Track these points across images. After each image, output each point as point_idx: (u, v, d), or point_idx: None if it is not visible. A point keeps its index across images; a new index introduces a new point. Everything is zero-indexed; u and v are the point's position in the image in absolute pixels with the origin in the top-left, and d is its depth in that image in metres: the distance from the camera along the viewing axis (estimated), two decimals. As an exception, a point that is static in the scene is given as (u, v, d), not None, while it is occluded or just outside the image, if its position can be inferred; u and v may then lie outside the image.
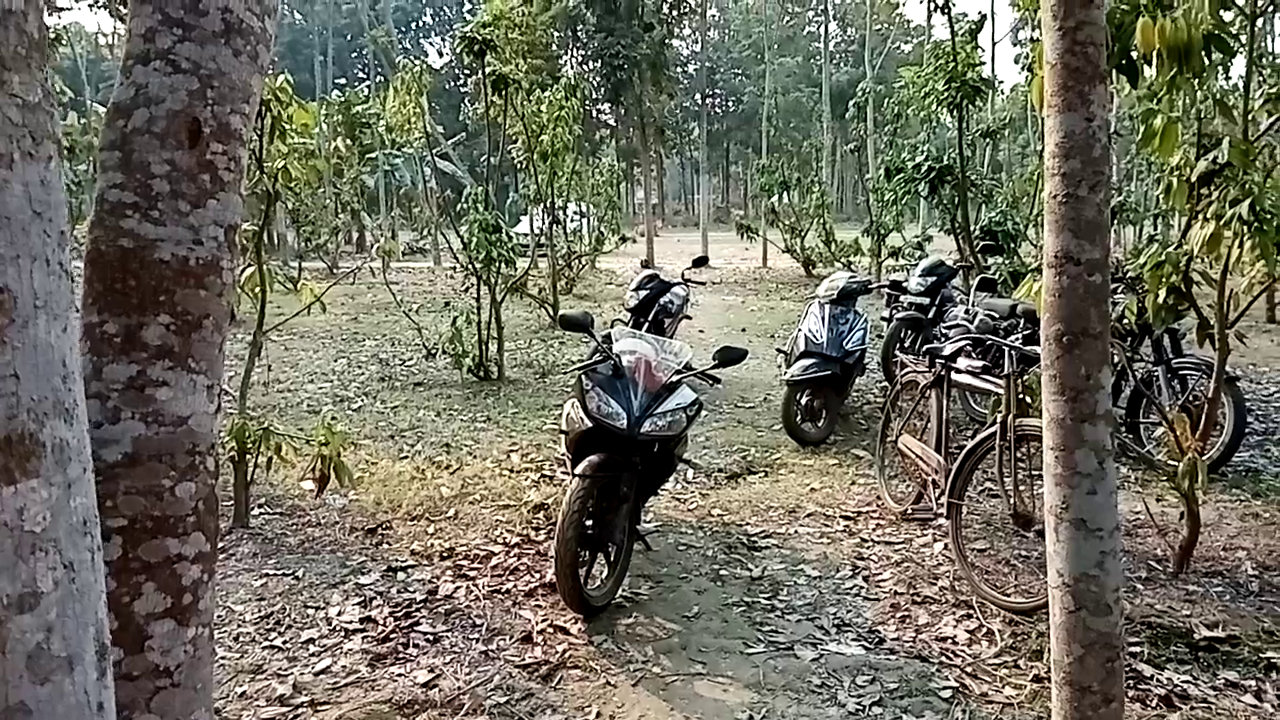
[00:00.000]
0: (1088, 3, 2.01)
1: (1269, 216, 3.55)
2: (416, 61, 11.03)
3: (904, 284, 8.73)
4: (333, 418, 7.45)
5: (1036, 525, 4.15)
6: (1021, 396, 4.28)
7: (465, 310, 8.62)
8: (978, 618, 3.91)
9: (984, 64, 8.17)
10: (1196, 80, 3.66)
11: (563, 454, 4.78)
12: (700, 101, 32.61)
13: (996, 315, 6.98)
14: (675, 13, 25.75)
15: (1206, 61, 3.63)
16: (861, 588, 4.28)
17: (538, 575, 4.34)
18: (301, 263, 19.04)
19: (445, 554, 4.69)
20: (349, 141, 24.96)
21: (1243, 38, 4.01)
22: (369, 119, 20.12)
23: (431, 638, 3.78)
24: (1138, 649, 3.56)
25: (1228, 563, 4.40)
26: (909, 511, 4.98)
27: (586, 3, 22.91)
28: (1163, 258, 4.16)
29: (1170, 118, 3.99)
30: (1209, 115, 4.19)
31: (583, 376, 4.06)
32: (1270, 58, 12.45)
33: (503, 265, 8.64)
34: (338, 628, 3.90)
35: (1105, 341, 2.06)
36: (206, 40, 1.73)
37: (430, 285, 18.70)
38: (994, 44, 25.03)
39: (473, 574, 4.43)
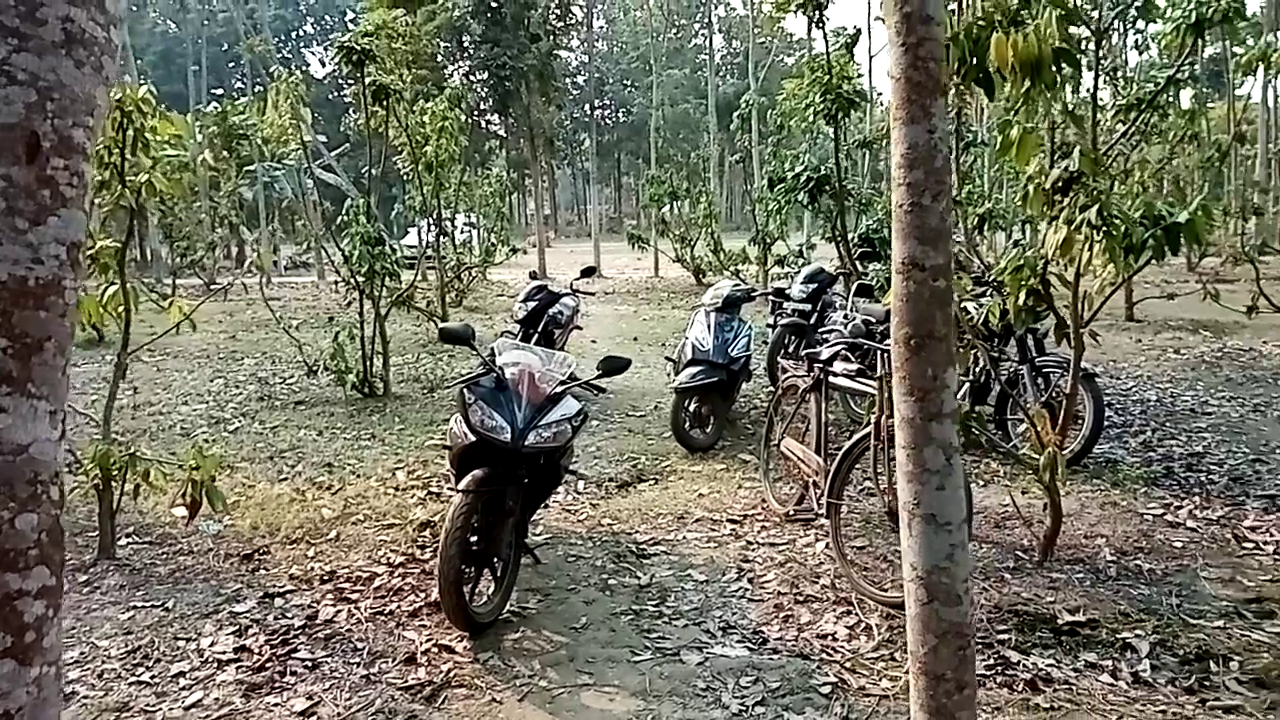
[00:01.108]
0: (927, 20, 2.11)
1: (1116, 221, 3.76)
2: (295, 71, 10.75)
3: (787, 291, 8.93)
4: (207, 440, 7.23)
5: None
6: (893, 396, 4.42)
7: (348, 325, 8.43)
8: (857, 613, 4.02)
9: (861, 77, 8.45)
10: (1049, 92, 3.87)
11: (449, 470, 4.72)
12: (590, 112, 32.70)
13: (874, 319, 7.21)
14: (562, 24, 25.81)
15: (1057, 75, 3.84)
16: (747, 590, 4.35)
17: (423, 594, 4.27)
18: (175, 279, 18.32)
19: (326, 577, 4.57)
20: (225, 153, 24.18)
21: (1092, 52, 4.26)
22: (246, 130, 19.48)
23: (310, 664, 3.67)
24: (1005, 636, 3.73)
25: (1088, 550, 4.64)
26: (792, 513, 5.09)
27: (472, 13, 22.73)
28: (1021, 262, 4.37)
29: (1025, 128, 4.20)
30: (1063, 126, 4.43)
31: (464, 390, 4.02)
32: (1124, 70, 13.23)
33: (386, 278, 8.48)
34: (210, 659, 3.75)
35: (950, 344, 2.15)
36: (45, 51, 1.65)
37: (314, 300, 18.20)
38: (870, 58, 25.95)
39: (355, 597, 4.33)
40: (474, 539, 3.91)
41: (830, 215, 10.40)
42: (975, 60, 3.90)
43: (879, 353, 4.52)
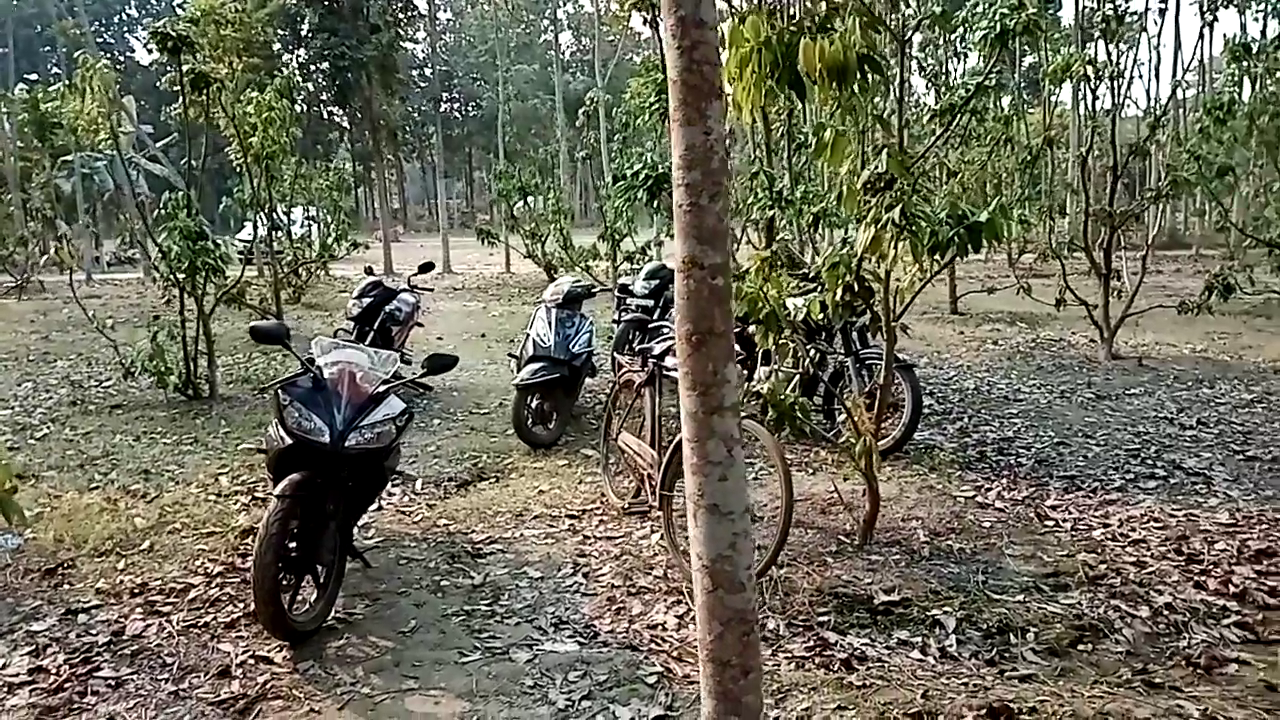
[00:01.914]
0: (701, 24, 2.14)
1: (919, 221, 3.96)
2: (109, 57, 10.06)
3: (630, 287, 9.01)
4: (11, 448, 6.69)
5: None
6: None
7: (168, 325, 7.96)
8: (687, 602, 4.08)
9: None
10: (858, 97, 4.03)
11: (269, 475, 4.52)
12: (437, 106, 32.10)
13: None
14: (403, 15, 25.18)
15: (863, 80, 4.00)
16: (581, 584, 4.36)
17: (241, 604, 4.07)
18: (-19, 277, 16.89)
19: (136, 590, 4.30)
20: (38, 143, 22.44)
21: (895, 59, 4.46)
22: (60, 118, 18.13)
23: (113, 683, 3.45)
24: (825, 618, 3.87)
25: (905, 532, 4.88)
26: (628, 506, 5.14)
27: (306, 1, 21.88)
28: (837, 259, 4.54)
29: (838, 131, 4.37)
30: (872, 128, 4.63)
31: (279, 391, 3.86)
32: (945, 78, 13.94)
33: (210, 275, 8.05)
34: (1, 683, 3.47)
35: (729, 340, 2.21)
36: None
37: (139, 298, 17.11)
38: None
39: (167, 609, 4.10)
40: (294, 545, 3.76)
41: (669, 214, 10.55)
42: (787, 64, 4.03)
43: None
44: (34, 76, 49.22)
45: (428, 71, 52.61)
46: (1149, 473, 5.83)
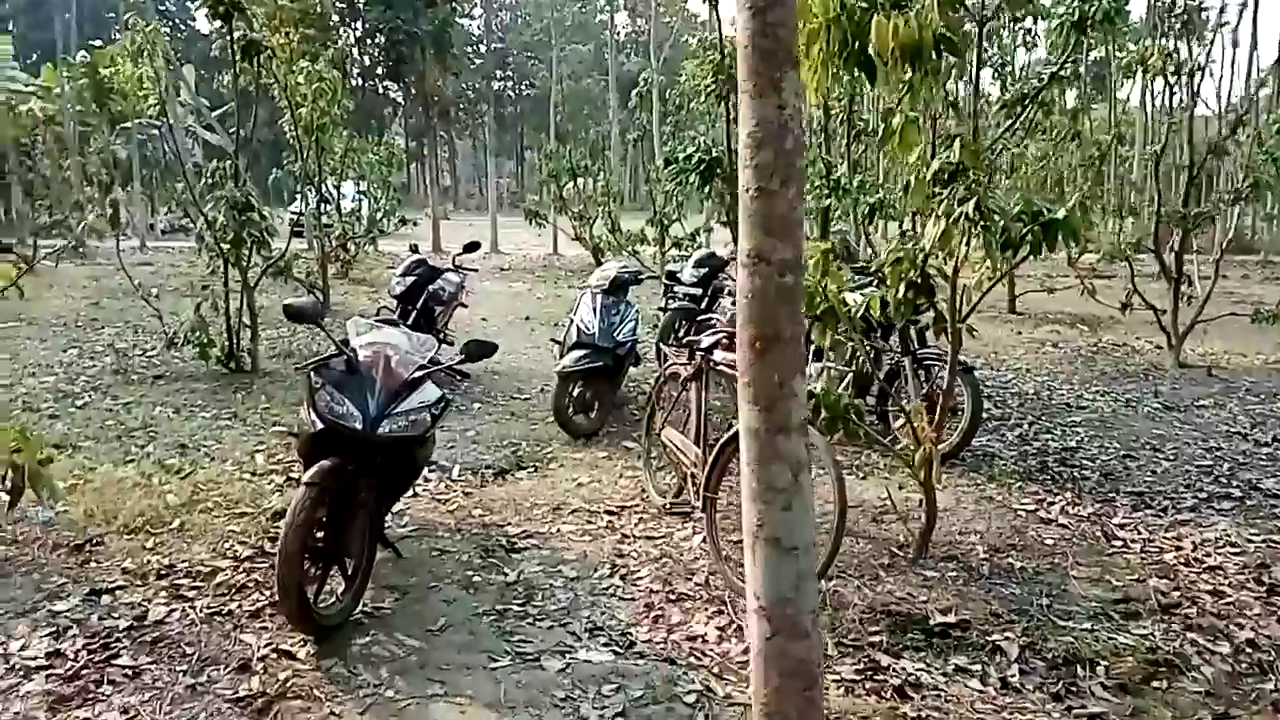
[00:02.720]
0: (776, -19, 1.91)
1: (994, 216, 3.68)
2: (168, 23, 10.05)
3: (679, 275, 8.77)
4: (53, 416, 6.66)
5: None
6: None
7: (211, 296, 7.90)
8: (729, 613, 3.88)
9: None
10: (931, 80, 3.76)
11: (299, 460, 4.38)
12: (490, 84, 31.99)
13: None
14: (460, -11, 25.05)
15: (939, 62, 3.73)
16: (618, 587, 4.17)
17: (268, 591, 3.93)
18: (37, 241, 17.09)
19: (163, 572, 4.19)
20: (96, 108, 22.68)
21: (975, 42, 4.17)
22: (115, 84, 18.27)
23: (131, 672, 3.33)
24: (877, 638, 3.63)
25: (963, 547, 4.61)
26: (669, 505, 4.93)
27: (365, -27, 21.84)
28: (900, 254, 4.28)
29: (908, 116, 4.10)
30: (944, 116, 4.34)
31: (311, 374, 3.70)
32: (1011, 67, 13.46)
33: (256, 247, 7.97)
34: (18, 666, 3.37)
35: (798, 347, 1.98)
36: None
37: (190, 267, 17.20)
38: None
39: (191, 594, 3.97)
40: (321, 535, 3.61)
41: (721, 200, 10.29)
42: (857, 44, 3.76)
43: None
44: (98, 43, 50.04)
45: (482, 49, 52.55)
46: (1223, 492, 5.49)
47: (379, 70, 33.36)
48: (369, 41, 29.30)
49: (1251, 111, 8.35)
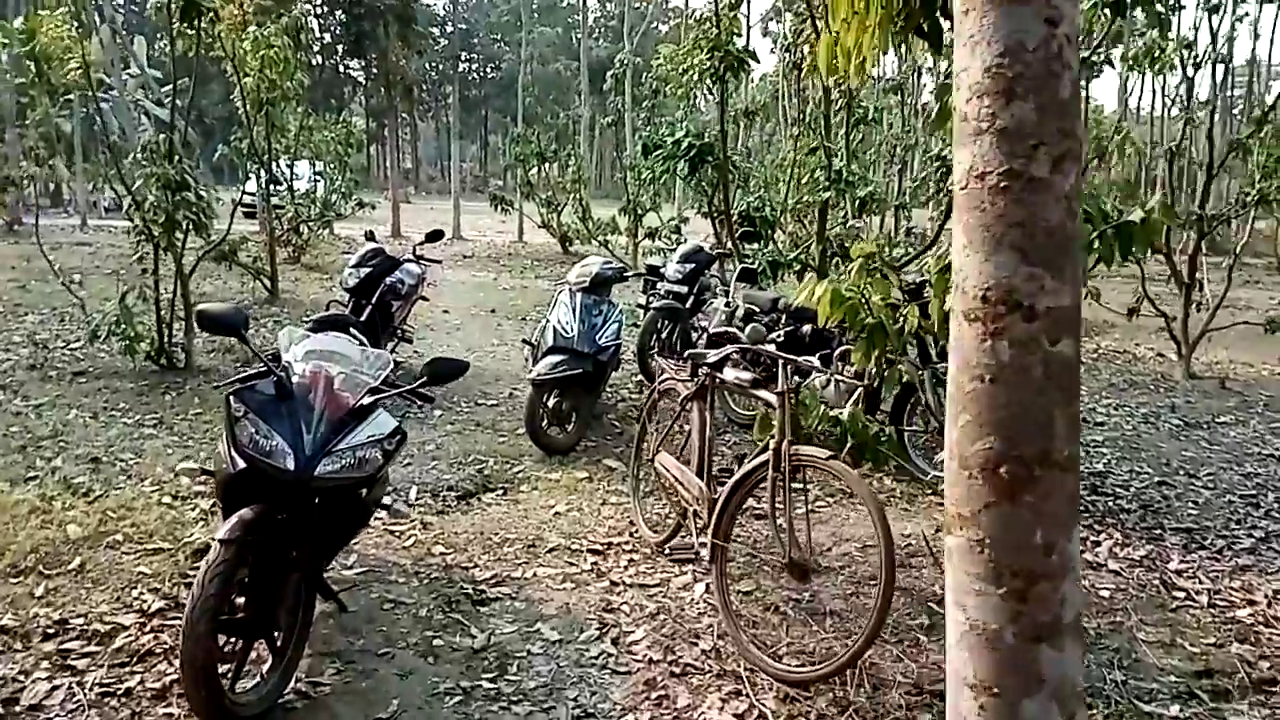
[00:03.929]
0: None
1: (1092, 215, 3.01)
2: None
3: (662, 270, 8.06)
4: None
5: (818, 577, 3.50)
6: (795, 414, 3.61)
7: (140, 285, 7.04)
8: (747, 694, 3.18)
9: (743, 37, 7.63)
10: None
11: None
12: (455, 64, 30.92)
13: (758, 308, 6.43)
14: (425, -37, 23.98)
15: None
16: (609, 655, 3.45)
17: (179, 661, 3.16)
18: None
19: (51, 630, 3.41)
20: (35, 78, 21.36)
21: None
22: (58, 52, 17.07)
23: (-18, 790, 2.55)
24: (933, 734, 2.96)
25: (1008, 600, 3.95)
26: (668, 547, 4.22)
27: (325, -58, 20.72)
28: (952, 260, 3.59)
29: (969, 95, 3.41)
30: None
31: (231, 399, 2.93)
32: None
33: (194, 229, 7.11)
34: None
35: (1076, 479, 1.28)
36: None
37: (134, 248, 16.18)
38: (749, 27, 25.27)
39: (82, 664, 3.20)
40: (243, 601, 2.86)
41: (708, 189, 9.60)
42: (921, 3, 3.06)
43: (780, 363, 3.66)
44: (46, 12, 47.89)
45: (448, 29, 51.33)
46: (1278, 530, 4.90)
47: (339, 47, 32.17)
48: (330, 16, 28.14)
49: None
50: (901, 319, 3.55)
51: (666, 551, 4.18)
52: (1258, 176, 8.29)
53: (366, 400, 3.06)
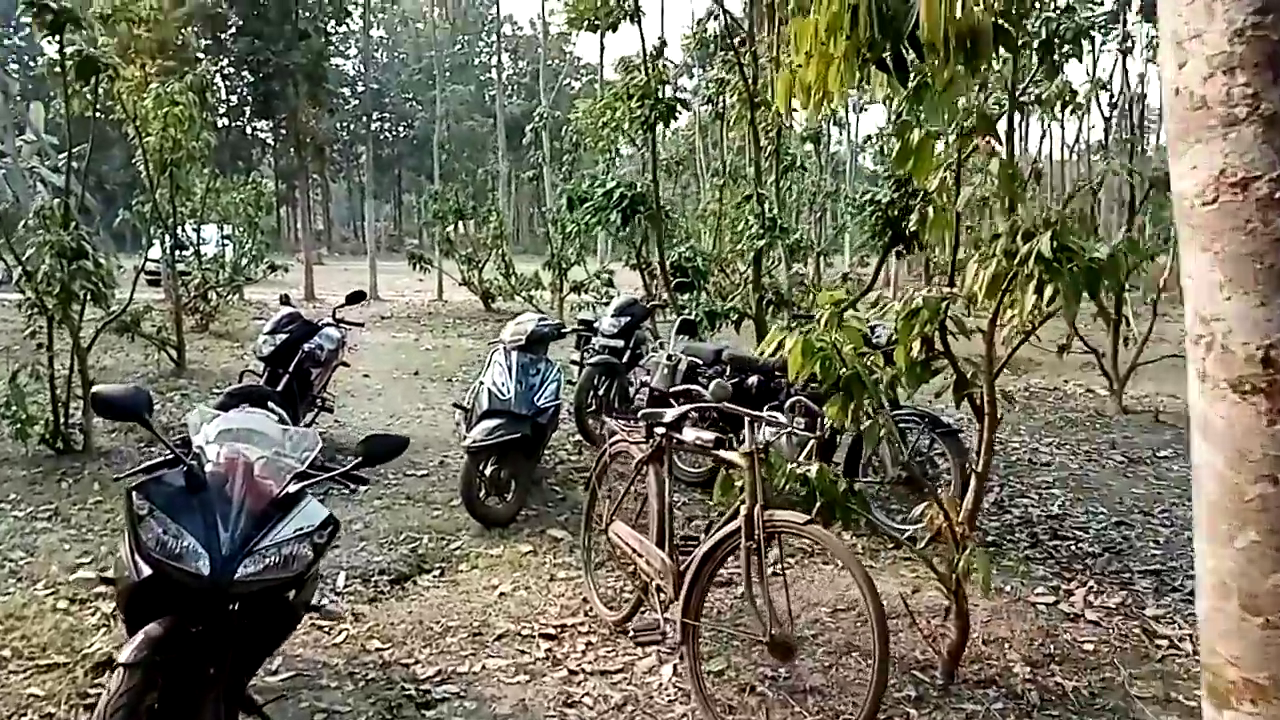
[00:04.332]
0: None
1: (1071, 254, 2.84)
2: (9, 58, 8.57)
3: (595, 324, 7.79)
4: None
5: (800, 656, 3.22)
6: (765, 478, 3.34)
7: (31, 363, 6.47)
8: (734, 795, 2.86)
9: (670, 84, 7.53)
10: (970, 78, 2.93)
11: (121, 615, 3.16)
12: (367, 123, 30.51)
13: (700, 361, 6.20)
14: (334, 21, 23.64)
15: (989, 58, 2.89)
16: (576, 757, 3.10)
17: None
18: None
19: (-82, 777, 2.91)
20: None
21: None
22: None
23: None
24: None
25: (994, 662, 3.72)
26: (629, 626, 3.88)
27: (230, 2, 20.24)
28: (918, 304, 3.40)
29: (930, 132, 3.26)
30: (967, 128, 3.50)
31: (133, 494, 2.54)
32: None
33: (93, 300, 6.60)
34: None
35: None
36: None
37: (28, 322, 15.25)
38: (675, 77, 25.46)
39: (-44, 818, 2.71)
40: (151, 731, 2.44)
41: (632, 240, 9.43)
42: (892, 32, 2.89)
43: (749, 421, 3.41)
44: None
45: (359, 88, 50.96)
46: (1247, 568, 4.80)
47: (246, 109, 31.54)
48: (236, 77, 27.54)
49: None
50: (877, 369, 3.33)
51: (629, 633, 3.85)
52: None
53: (292, 488, 2.68)
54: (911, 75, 2.93)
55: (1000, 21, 2.84)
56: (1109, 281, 3.33)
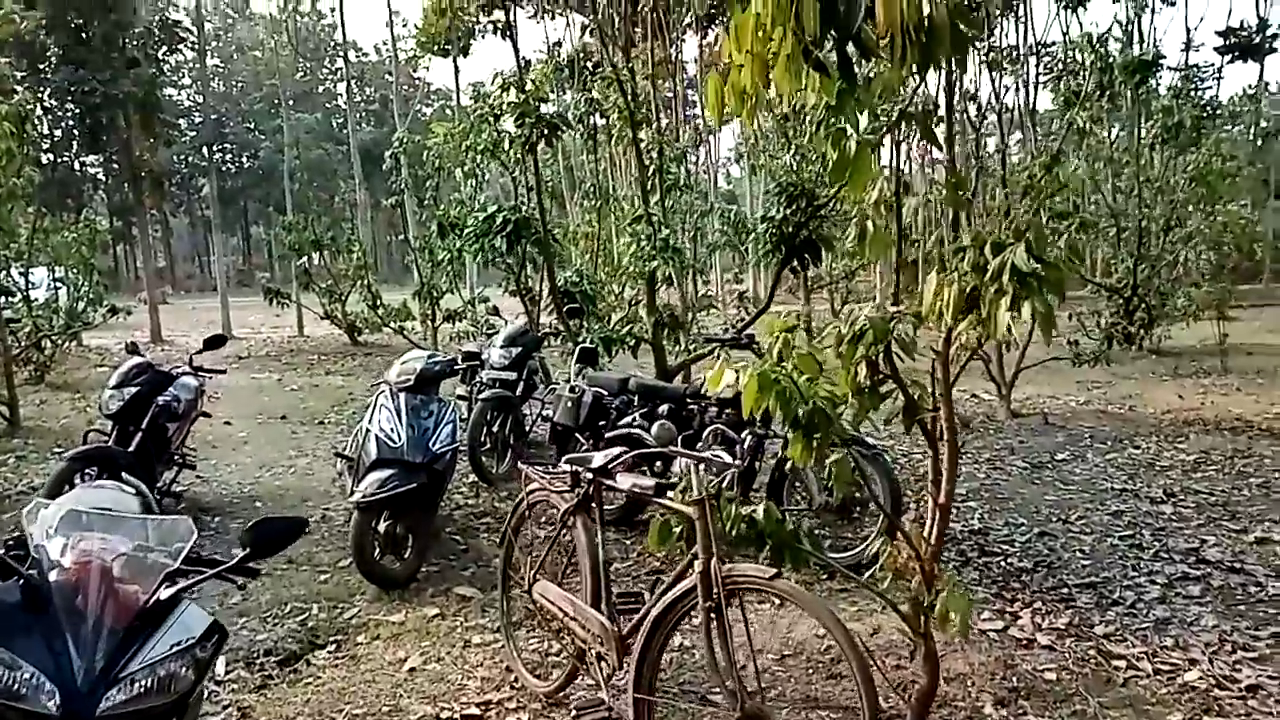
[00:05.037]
0: None
1: (1052, 269, 2.60)
2: None
3: (482, 355, 7.30)
4: None
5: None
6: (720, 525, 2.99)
7: None
8: None
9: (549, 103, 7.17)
10: (934, 71, 2.68)
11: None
12: (209, 154, 28.85)
13: (605, 391, 5.82)
14: (166, 47, 22.14)
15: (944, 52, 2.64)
16: None
17: None
18: None
19: None
20: None
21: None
22: None
23: None
24: None
25: (961, 703, 3.47)
26: (572, 708, 3.44)
27: (47, 28, 18.63)
28: (864, 325, 3.11)
29: (863, 139, 2.99)
30: (907, 136, 3.27)
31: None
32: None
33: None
34: None
35: None
36: None
37: None
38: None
39: None
40: None
41: (514, 267, 8.99)
42: (836, 25, 2.61)
43: (692, 465, 3.04)
44: None
45: (196, 119, 48.49)
46: (1176, 572, 4.76)
47: (73, 143, 29.40)
48: (60, 109, 25.53)
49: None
50: (838, 400, 3.02)
51: (568, 709, 3.41)
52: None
53: (165, 593, 2.15)
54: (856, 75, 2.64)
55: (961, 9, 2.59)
56: (1052, 295, 3.13)
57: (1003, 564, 4.98)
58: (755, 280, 24.29)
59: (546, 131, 6.53)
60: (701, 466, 3.08)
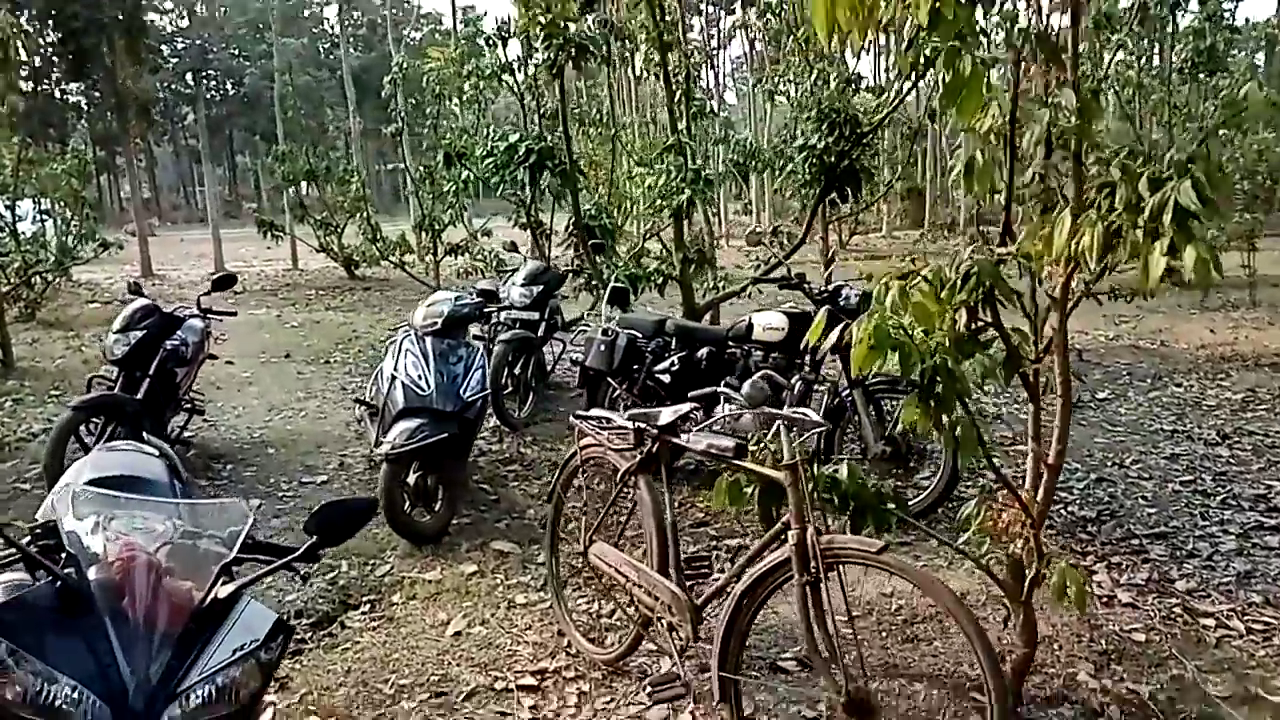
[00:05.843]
0: None
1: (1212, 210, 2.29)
2: None
3: (499, 294, 6.96)
4: None
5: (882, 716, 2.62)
6: (814, 492, 2.73)
7: None
8: None
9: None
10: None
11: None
12: (195, 82, 27.95)
13: (640, 334, 5.52)
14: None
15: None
16: None
17: None
18: None
19: None
20: None
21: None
22: None
23: None
24: None
25: (1052, 670, 3.25)
26: (633, 674, 3.21)
27: (24, -54, 17.78)
28: (971, 267, 2.80)
29: (981, 60, 2.65)
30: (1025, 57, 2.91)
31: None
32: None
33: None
34: None
35: None
36: None
37: None
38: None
39: None
40: None
41: (523, 200, 8.60)
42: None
43: (780, 424, 2.76)
44: None
45: (179, 45, 47.06)
46: (1249, 521, 4.54)
47: (54, 71, 28.46)
48: (40, 35, 24.60)
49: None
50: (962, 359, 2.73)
51: (636, 681, 3.18)
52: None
53: (224, 590, 1.86)
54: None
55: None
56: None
57: (1064, 512, 4.75)
58: (760, 213, 23.78)
59: (574, 53, 6.09)
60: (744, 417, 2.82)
